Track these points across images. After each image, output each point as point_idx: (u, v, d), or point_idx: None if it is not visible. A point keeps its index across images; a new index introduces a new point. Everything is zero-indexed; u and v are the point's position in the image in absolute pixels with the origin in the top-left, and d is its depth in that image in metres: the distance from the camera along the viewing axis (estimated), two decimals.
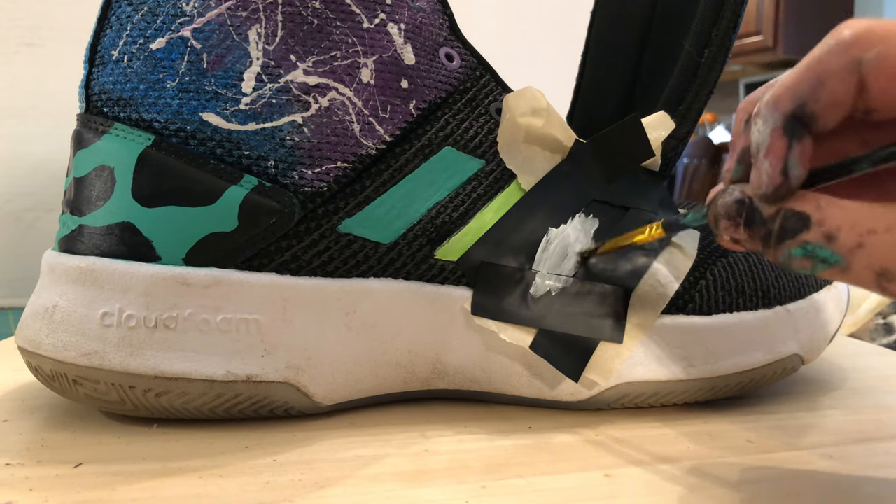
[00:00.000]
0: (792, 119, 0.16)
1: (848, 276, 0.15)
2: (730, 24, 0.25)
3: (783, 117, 0.16)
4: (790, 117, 0.16)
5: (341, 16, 0.22)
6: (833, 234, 0.15)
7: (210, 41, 0.21)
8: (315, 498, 0.18)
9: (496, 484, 0.19)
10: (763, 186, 0.16)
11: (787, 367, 0.25)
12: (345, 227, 0.22)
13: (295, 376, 0.22)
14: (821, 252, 0.15)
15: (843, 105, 0.16)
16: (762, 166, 0.16)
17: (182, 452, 0.20)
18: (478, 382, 0.24)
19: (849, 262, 0.15)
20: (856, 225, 0.15)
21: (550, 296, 0.23)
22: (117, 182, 0.21)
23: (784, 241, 0.16)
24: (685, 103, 0.25)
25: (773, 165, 0.16)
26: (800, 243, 0.16)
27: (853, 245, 0.15)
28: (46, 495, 0.18)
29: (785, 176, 0.16)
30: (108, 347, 0.20)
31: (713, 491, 0.18)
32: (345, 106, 0.22)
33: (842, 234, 0.15)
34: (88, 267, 0.21)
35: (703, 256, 0.25)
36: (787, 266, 0.16)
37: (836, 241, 0.15)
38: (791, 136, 0.16)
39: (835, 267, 0.15)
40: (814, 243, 0.15)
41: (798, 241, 0.16)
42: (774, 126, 0.16)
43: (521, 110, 0.24)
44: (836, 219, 0.15)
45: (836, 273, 0.15)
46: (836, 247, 0.15)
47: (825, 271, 0.15)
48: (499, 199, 0.24)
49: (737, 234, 0.17)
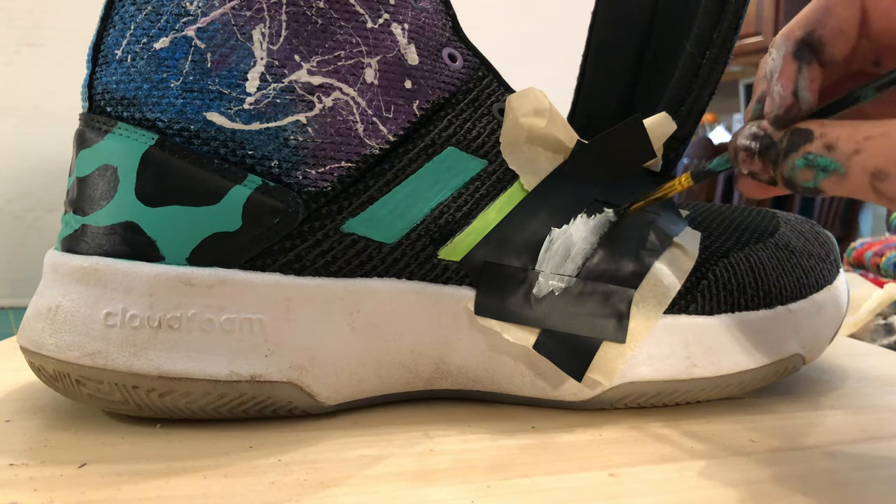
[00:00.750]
0: (802, 44, 0.18)
1: (845, 182, 0.16)
2: (731, 26, 0.25)
3: (794, 43, 0.18)
4: (800, 43, 0.18)
5: (345, 16, 0.22)
6: (833, 144, 0.16)
7: (214, 41, 0.21)
8: (320, 497, 0.18)
9: (501, 484, 0.19)
10: (775, 108, 0.18)
11: (789, 367, 0.25)
12: (348, 227, 0.22)
13: (299, 376, 0.22)
14: (821, 161, 0.17)
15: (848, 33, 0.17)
16: (774, 89, 0.18)
17: (186, 452, 0.20)
18: (481, 382, 0.24)
19: (846, 168, 0.16)
20: (854, 134, 0.16)
21: (553, 296, 0.23)
22: (121, 182, 0.21)
23: (789, 154, 0.17)
24: (686, 104, 0.25)
25: (785, 87, 0.18)
26: (802, 154, 0.17)
27: (851, 151, 0.16)
28: (51, 496, 0.18)
29: (795, 98, 0.18)
30: (112, 347, 0.20)
31: (716, 490, 0.19)
32: (348, 106, 0.22)
33: (841, 143, 0.16)
34: (92, 266, 0.21)
35: (704, 257, 0.25)
36: (792, 181, 0.17)
37: (836, 150, 0.16)
38: (800, 60, 0.18)
39: (833, 174, 0.16)
40: (815, 153, 0.17)
41: (801, 153, 0.17)
42: (786, 52, 0.18)
43: (523, 111, 0.24)
44: (836, 131, 0.17)
45: (835, 180, 0.16)
46: (836, 154, 0.16)
47: (824, 180, 0.17)
48: (501, 199, 0.24)
49: (752, 166, 0.18)
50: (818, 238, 0.28)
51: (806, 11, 0.18)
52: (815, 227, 0.29)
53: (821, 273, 0.27)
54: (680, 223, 0.26)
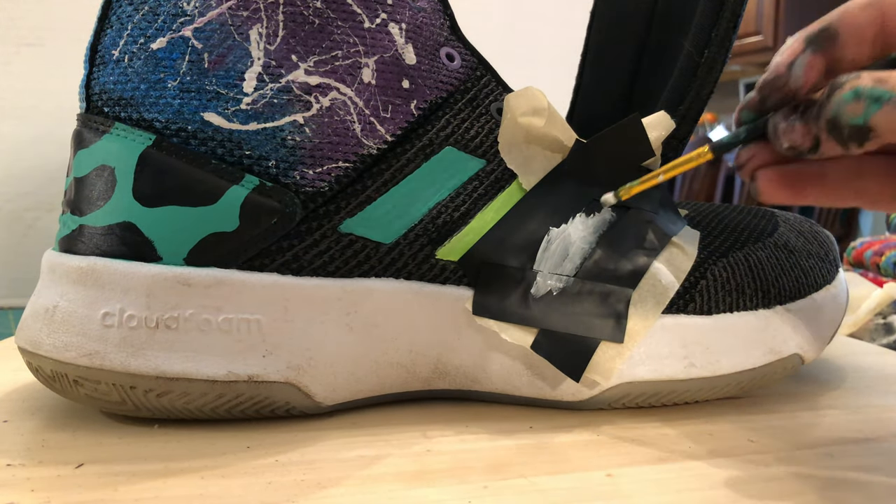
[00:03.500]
0: (817, 32, 0.18)
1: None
2: (730, 24, 0.25)
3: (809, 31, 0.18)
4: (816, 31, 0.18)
5: (343, 16, 0.22)
6: (883, 78, 0.16)
7: (211, 41, 0.21)
8: (318, 498, 0.18)
9: (498, 484, 0.19)
10: (767, 74, 0.19)
11: (788, 367, 0.25)
12: (346, 227, 0.22)
13: (296, 376, 0.22)
14: (874, 91, 0.16)
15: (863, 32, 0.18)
16: (775, 59, 0.19)
17: (184, 453, 0.20)
18: (479, 382, 0.24)
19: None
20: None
21: (551, 295, 0.23)
22: (118, 182, 0.21)
23: (834, 91, 0.17)
24: (685, 103, 0.25)
25: (784, 57, 0.18)
26: (850, 87, 0.17)
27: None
28: (48, 496, 0.18)
29: (788, 69, 0.18)
30: (109, 348, 0.20)
31: (714, 490, 0.18)
32: (346, 106, 0.22)
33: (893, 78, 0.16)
34: (89, 267, 0.21)
35: (703, 256, 0.25)
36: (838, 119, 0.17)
37: (888, 83, 0.16)
38: (808, 44, 0.18)
39: (889, 102, 0.16)
40: (865, 86, 0.17)
41: (848, 87, 0.17)
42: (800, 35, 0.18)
43: (521, 110, 0.24)
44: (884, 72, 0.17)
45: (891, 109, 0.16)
46: (889, 86, 0.16)
47: (878, 112, 0.16)
48: (500, 198, 0.24)
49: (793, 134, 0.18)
50: (817, 237, 0.28)
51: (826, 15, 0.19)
52: (814, 226, 0.29)
53: (820, 273, 0.27)
54: (679, 222, 0.26)
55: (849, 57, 0.18)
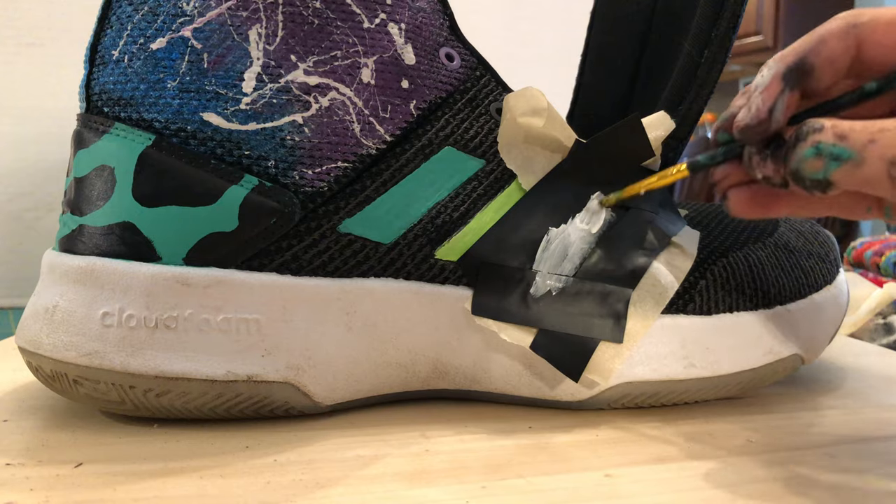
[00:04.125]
0: (793, 68, 0.18)
1: (860, 169, 0.16)
2: (729, 25, 0.25)
3: (786, 66, 0.18)
4: (792, 66, 0.18)
5: (342, 16, 0.22)
6: (845, 134, 0.16)
7: (210, 41, 0.21)
8: (316, 498, 0.18)
9: (497, 484, 0.19)
10: (748, 118, 0.18)
11: (787, 367, 0.25)
12: (345, 227, 0.22)
13: (295, 376, 0.22)
14: (834, 149, 0.17)
15: (838, 63, 0.18)
16: (754, 101, 0.18)
17: (183, 452, 0.20)
18: (478, 382, 0.24)
19: (862, 156, 0.16)
20: (867, 126, 0.16)
21: (551, 295, 0.23)
22: (118, 182, 0.21)
23: (797, 144, 0.17)
24: (685, 103, 0.25)
25: (764, 101, 0.18)
26: (812, 143, 0.17)
27: (865, 141, 0.16)
28: (47, 495, 0.18)
29: (769, 114, 0.18)
30: (109, 347, 0.20)
31: (713, 491, 0.18)
32: (345, 106, 0.22)
33: (854, 133, 0.16)
34: (89, 267, 0.21)
35: (703, 256, 0.25)
36: (800, 173, 0.17)
37: (848, 139, 0.16)
38: (786, 82, 0.18)
39: (847, 162, 0.16)
40: (826, 142, 0.17)
41: (810, 142, 0.17)
42: (776, 71, 0.18)
43: (521, 110, 0.24)
44: (847, 124, 0.17)
45: (849, 169, 0.16)
46: (849, 143, 0.16)
47: (837, 169, 0.17)
48: (499, 198, 0.24)
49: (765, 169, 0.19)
50: (818, 237, 0.28)
51: (802, 40, 0.18)
52: (814, 226, 0.29)
53: (820, 273, 0.27)
54: (678, 222, 0.26)
55: (823, 87, 0.18)
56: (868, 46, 0.18)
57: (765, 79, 0.19)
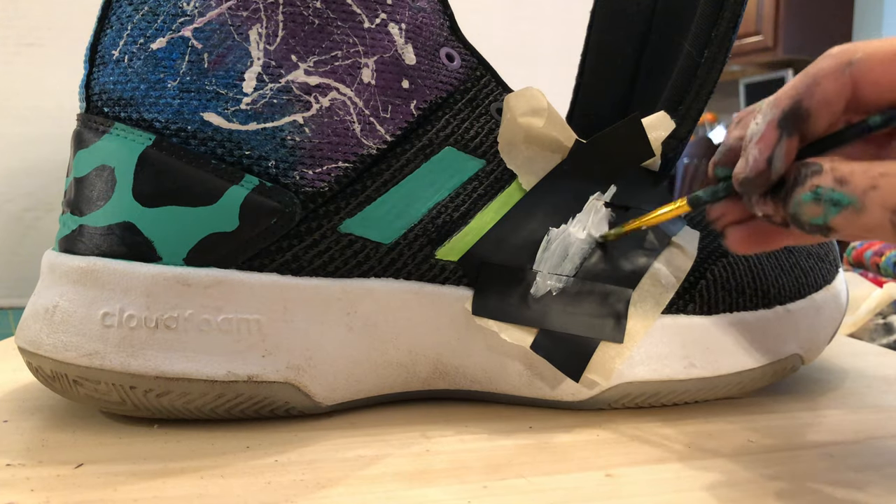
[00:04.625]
0: (788, 114, 0.17)
1: (861, 216, 0.15)
2: (729, 25, 0.25)
3: (781, 112, 0.17)
4: (787, 112, 0.17)
5: (342, 16, 0.22)
6: (845, 178, 0.16)
7: (211, 41, 0.21)
8: (317, 498, 0.18)
9: (497, 484, 0.19)
10: (747, 170, 0.18)
11: (787, 367, 0.25)
12: (346, 228, 0.22)
13: (296, 376, 0.22)
14: (833, 195, 0.16)
15: (834, 104, 0.17)
16: (751, 152, 0.18)
17: (183, 453, 0.20)
18: (479, 382, 0.24)
19: (863, 203, 0.15)
20: (868, 169, 0.15)
21: (551, 296, 0.23)
22: (118, 182, 0.21)
23: (795, 188, 0.16)
24: (685, 103, 0.25)
25: (762, 152, 0.17)
26: (810, 188, 0.16)
27: (866, 186, 0.15)
28: (48, 496, 0.18)
29: (768, 165, 0.17)
30: (109, 348, 0.20)
31: (713, 490, 0.18)
32: (346, 106, 0.22)
33: (855, 178, 0.15)
34: (89, 267, 0.21)
35: (703, 256, 0.25)
36: (798, 217, 0.16)
37: (849, 185, 0.16)
38: (783, 130, 0.17)
39: (847, 208, 0.16)
40: (825, 187, 0.16)
41: (808, 186, 0.16)
42: (771, 119, 0.17)
43: (521, 110, 0.24)
44: (848, 166, 0.16)
45: (849, 215, 0.16)
46: (849, 189, 0.16)
47: (836, 216, 0.16)
48: (499, 199, 0.24)
49: (765, 207, 0.18)
50: None
51: (795, 82, 0.18)
52: None
53: (820, 273, 0.27)
54: (678, 222, 0.26)
55: (821, 130, 0.17)
56: (864, 86, 0.17)
57: (759, 127, 0.18)
